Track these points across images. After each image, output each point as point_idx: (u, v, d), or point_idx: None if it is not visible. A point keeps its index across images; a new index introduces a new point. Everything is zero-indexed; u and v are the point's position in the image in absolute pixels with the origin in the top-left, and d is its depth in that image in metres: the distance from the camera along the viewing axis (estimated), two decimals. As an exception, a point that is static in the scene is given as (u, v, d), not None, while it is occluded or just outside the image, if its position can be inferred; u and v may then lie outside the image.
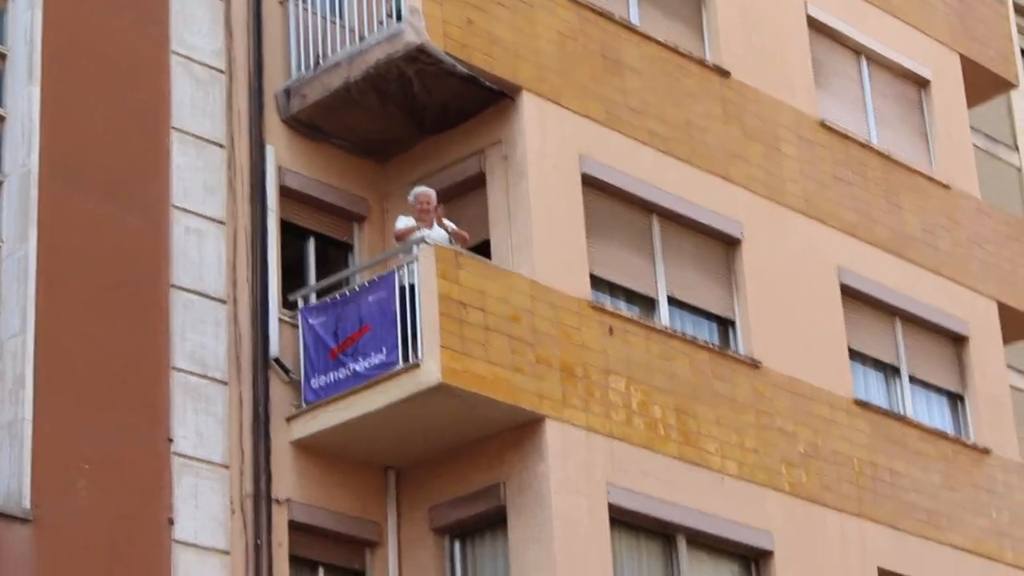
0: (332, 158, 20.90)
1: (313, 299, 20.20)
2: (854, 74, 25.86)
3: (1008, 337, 25.85)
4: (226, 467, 18.57)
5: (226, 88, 19.97)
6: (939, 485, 23.69)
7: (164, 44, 19.52)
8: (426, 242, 18.92)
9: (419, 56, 19.55)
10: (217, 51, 19.98)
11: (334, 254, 21.10)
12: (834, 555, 22.22)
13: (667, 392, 20.71)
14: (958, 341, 25.40)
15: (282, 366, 19.49)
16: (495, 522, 19.67)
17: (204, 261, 19.08)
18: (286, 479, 19.07)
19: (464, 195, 20.72)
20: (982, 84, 27.14)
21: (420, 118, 20.60)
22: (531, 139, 20.38)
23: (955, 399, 25.28)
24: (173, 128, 19.26)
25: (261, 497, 18.71)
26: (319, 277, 20.74)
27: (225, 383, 18.84)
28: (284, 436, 19.22)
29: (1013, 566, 24.33)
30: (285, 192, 20.29)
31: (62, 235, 17.94)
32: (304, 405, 19.45)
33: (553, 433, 19.24)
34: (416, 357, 18.54)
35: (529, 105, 20.43)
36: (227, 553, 18.32)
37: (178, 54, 19.56)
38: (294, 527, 19.10)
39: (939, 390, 25.33)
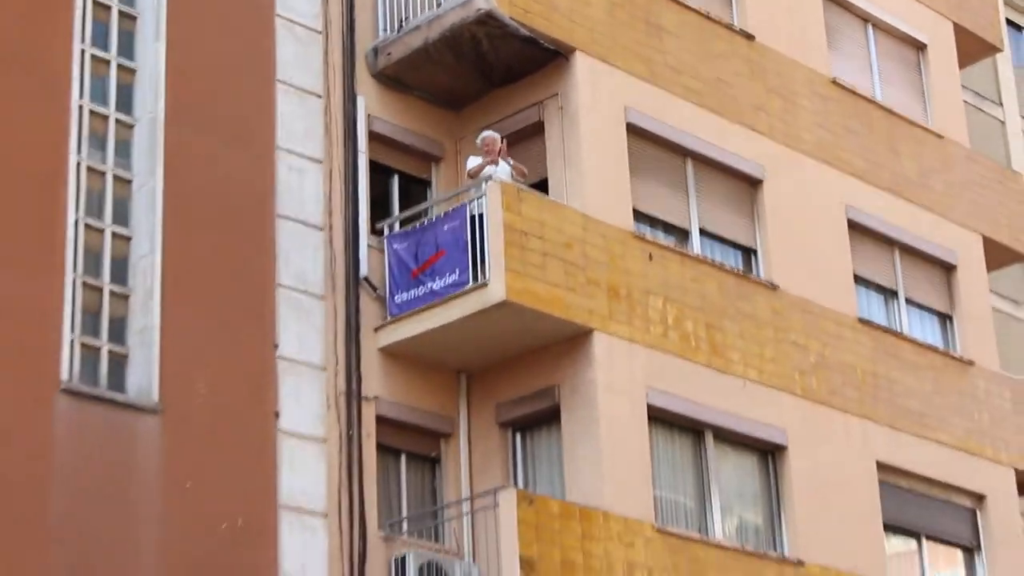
0: (413, 107, 21.09)
1: (397, 228, 20.34)
2: (861, 39, 25.77)
3: (991, 265, 25.78)
4: (323, 369, 18.85)
5: (323, 47, 20.09)
6: (930, 391, 23.73)
7: (271, 8, 19.68)
8: (493, 179, 19.19)
9: (488, 20, 19.66)
10: (316, 14, 20.11)
11: (415, 189, 21.29)
12: (839, 450, 22.29)
13: (698, 310, 20.84)
14: (948, 269, 25.30)
15: (370, 284, 19.73)
16: (550, 419, 19.93)
17: (304, 195, 19.32)
18: (373, 380, 19.34)
19: (525, 140, 20.79)
20: (972, 48, 27.01)
21: (488, 74, 20.75)
22: (583, 93, 20.54)
23: (944, 318, 25.23)
24: (278, 81, 19.47)
25: (352, 395, 18.99)
26: (402, 209, 20.94)
27: (322, 298, 19.09)
28: (372, 343, 19.48)
29: (992, 460, 24.26)
30: (373, 136, 20.43)
31: (184, 171, 18.13)
32: (389, 317, 19.72)
33: (600, 344, 19.47)
34: (484, 278, 18.78)
35: (582, 63, 20.57)
36: (324, 441, 18.59)
37: (282, 17, 19.71)
38: (380, 420, 19.37)
39: (931, 310, 25.35)
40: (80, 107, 17.72)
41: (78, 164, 17.51)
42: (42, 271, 16.75)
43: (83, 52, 17.98)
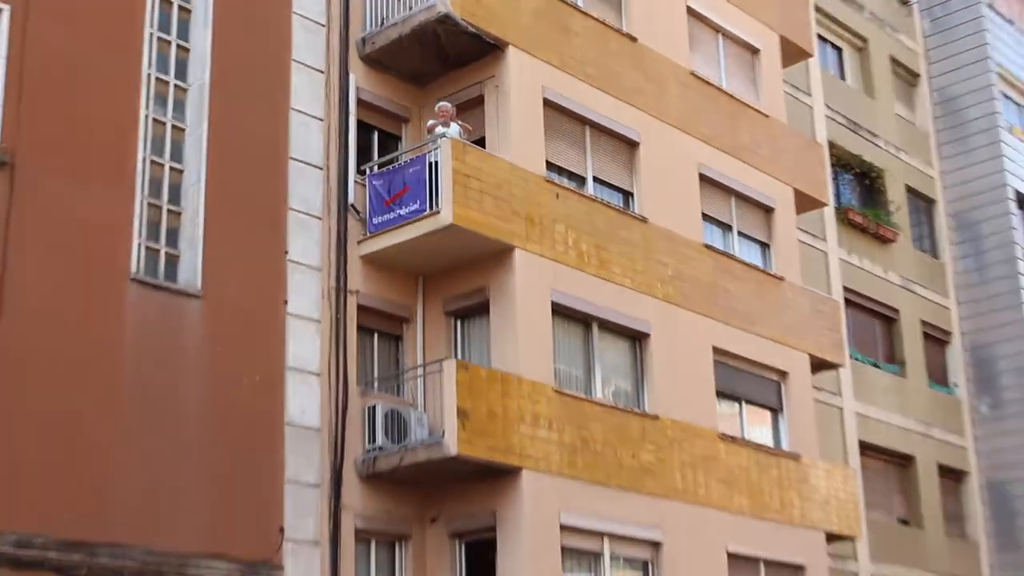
0: (390, 83, 21.12)
1: (376, 169, 20.32)
2: (713, 43, 25.58)
3: (798, 210, 26.05)
4: (319, 270, 19.04)
5: (326, 36, 20.05)
6: (752, 298, 23.93)
7: (288, 7, 19.72)
8: (445, 137, 19.37)
9: (445, 20, 19.67)
10: (321, 12, 20.06)
11: (389, 142, 21.22)
12: (687, 338, 22.46)
13: (590, 235, 20.74)
14: (768, 211, 25.25)
15: (355, 210, 19.85)
16: (482, 310, 20.10)
17: (309, 143, 19.42)
18: (356, 279, 19.47)
19: (470, 108, 20.71)
20: (791, 53, 26.94)
21: (445, 59, 20.70)
22: (513, 76, 20.56)
23: (764, 246, 25.13)
24: (293, 60, 19.52)
25: (340, 289, 19.16)
26: (380, 156, 20.91)
27: (320, 218, 19.20)
28: (355, 252, 19.61)
29: (793, 348, 24.62)
30: (360, 103, 20.46)
31: (223, 124, 18.22)
32: (368, 234, 19.79)
33: (519, 257, 19.58)
34: (437, 207, 18.89)
35: (512, 54, 20.55)
36: (319, 322, 18.81)
37: (297, 14, 19.71)
38: (360, 308, 19.57)
39: (756, 240, 25.29)
40: (148, 75, 17.88)
41: (146, 117, 17.71)
42: (119, 195, 16.94)
43: (151, 35, 18.08)
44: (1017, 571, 30.44)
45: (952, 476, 30.94)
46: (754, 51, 26.34)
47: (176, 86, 18.35)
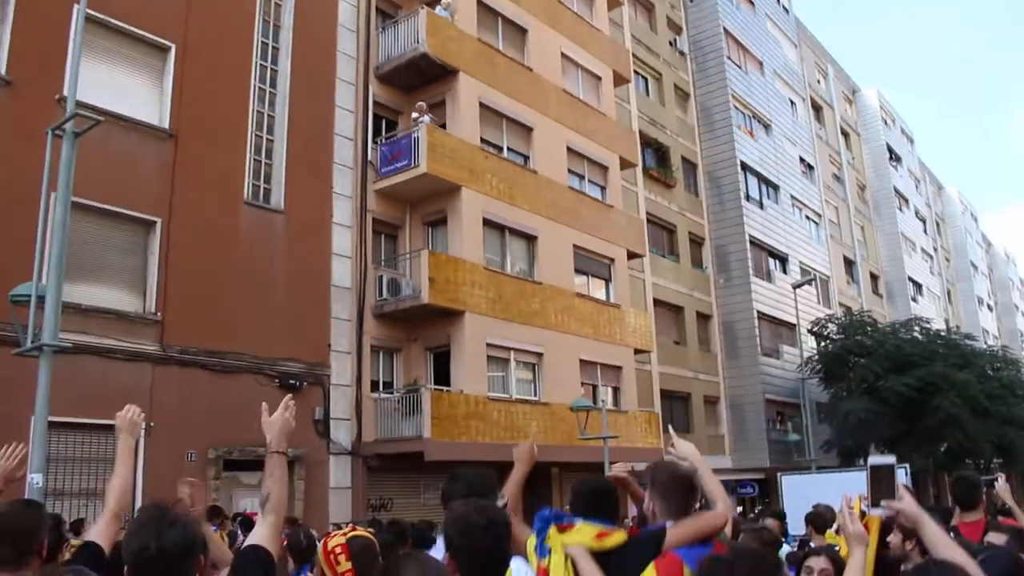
0: (393, 90, 20.50)
1: (383, 141, 20.00)
2: (575, 73, 25.43)
3: (622, 167, 26.36)
4: (351, 197, 18.99)
5: (355, 65, 19.76)
6: (595, 217, 23.89)
7: (333, 46, 19.36)
8: (423, 122, 19.27)
9: (424, 56, 19.53)
10: (353, 49, 19.77)
11: (392, 125, 20.77)
12: (558, 239, 22.37)
13: (507, 180, 20.86)
14: (605, 168, 25.18)
15: (372, 164, 19.59)
16: (444, 222, 19.89)
17: (345, 124, 19.20)
18: (372, 203, 19.36)
19: (437, 107, 20.27)
20: (620, 79, 26.79)
21: (423, 78, 20.30)
22: (462, 89, 20.31)
23: (603, 188, 25.32)
24: (338, 79, 19.29)
25: (363, 209, 19.14)
26: (386, 133, 20.37)
27: (352, 168, 19.07)
28: (372, 188, 19.41)
29: (618, 245, 24.68)
30: (376, 103, 19.94)
31: (296, 114, 18.11)
32: (379, 177, 19.57)
33: (465, 193, 19.58)
34: (418, 162, 18.83)
35: (463, 76, 20.31)
36: (351, 228, 18.80)
37: (340, 52, 19.39)
38: (375, 220, 19.35)
39: (597, 185, 24.79)
40: (255, 85, 17.67)
41: (253, 108, 17.52)
42: (237, 154, 16.96)
43: (256, 62, 17.81)
44: (736, 371, 31.20)
45: (704, 318, 31.51)
46: (597, 79, 26.05)
47: (270, 92, 18.12)
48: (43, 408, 8.72)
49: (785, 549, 6.01)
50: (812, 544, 7.20)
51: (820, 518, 8.18)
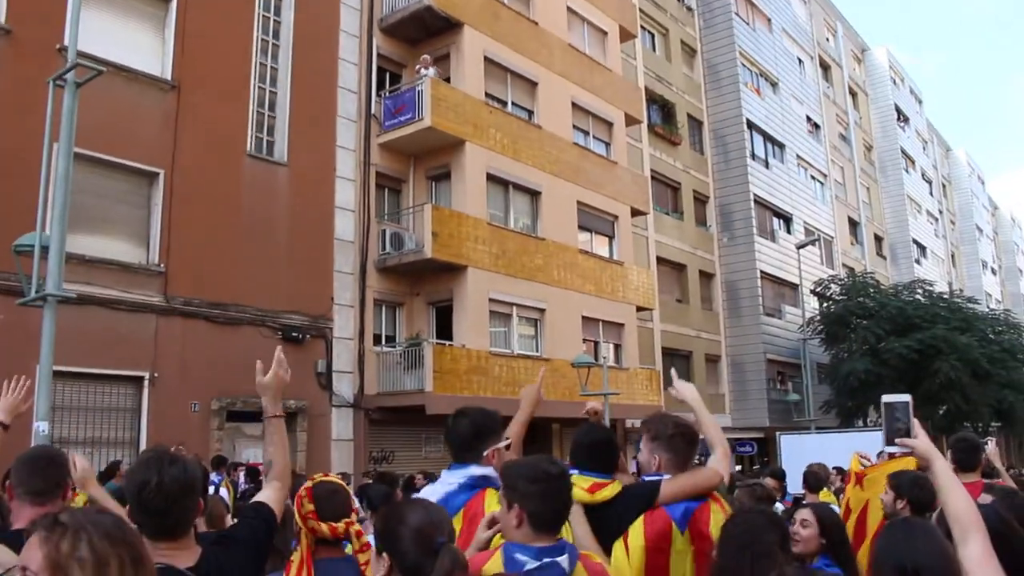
0: (397, 43, 20.37)
1: (387, 94, 19.91)
2: (581, 27, 25.39)
3: (627, 124, 26.32)
4: (354, 151, 18.92)
5: (359, 18, 19.65)
6: (600, 173, 23.86)
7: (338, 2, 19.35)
8: (427, 76, 19.16)
9: (429, 8, 19.42)
10: (357, 3, 19.69)
11: (396, 78, 20.64)
12: (563, 195, 22.33)
13: (512, 135, 20.85)
14: (610, 124, 25.30)
15: (375, 117, 19.48)
16: (447, 177, 19.87)
17: (349, 78, 19.08)
18: (375, 157, 19.31)
19: (441, 60, 20.19)
20: (625, 35, 26.72)
21: (427, 30, 20.17)
22: (466, 42, 20.19)
23: (607, 144, 25.24)
24: (341, 31, 19.13)
25: (367, 163, 19.09)
26: (390, 86, 20.26)
27: (355, 121, 19.00)
28: (375, 142, 19.32)
29: (622, 202, 24.63)
30: (379, 56, 19.84)
31: (299, 67, 18.04)
32: (383, 131, 19.52)
33: (469, 148, 19.50)
34: (421, 116, 18.77)
35: (467, 29, 20.19)
36: (354, 181, 18.74)
37: (344, 3, 19.27)
38: (378, 174, 19.26)
39: (602, 141, 24.74)
40: (257, 36, 17.54)
41: (256, 60, 17.42)
42: (240, 105, 16.86)
43: (259, 13, 17.66)
44: (738, 330, 31.28)
45: (707, 276, 31.50)
46: (603, 33, 25.80)
47: (273, 44, 18.00)
48: (47, 357, 8.80)
49: (778, 507, 6.08)
50: (806, 502, 7.30)
51: (814, 476, 8.32)
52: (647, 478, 3.35)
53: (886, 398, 2.66)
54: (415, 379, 17.77)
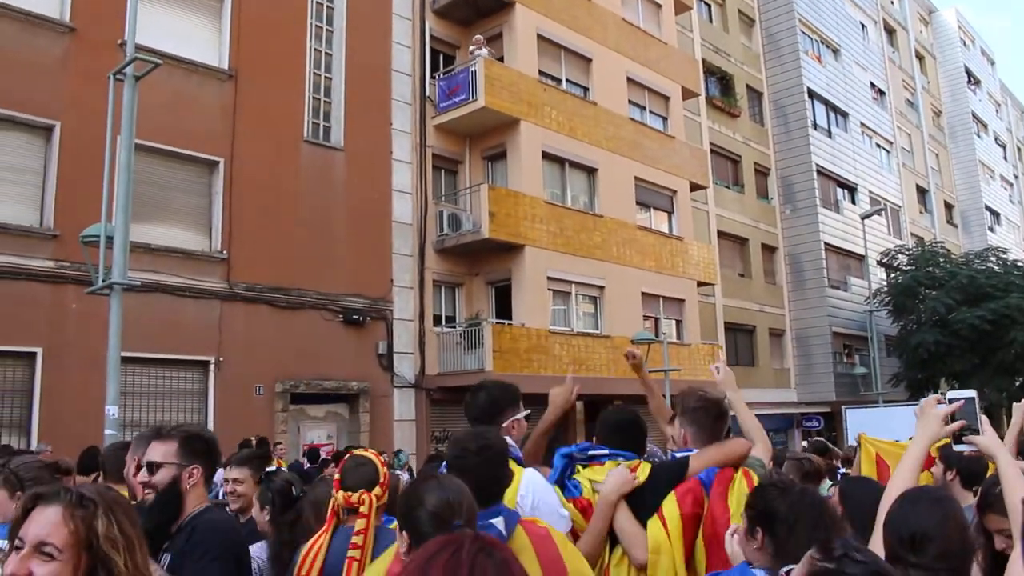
0: (450, 25, 20.38)
1: (441, 75, 19.96)
2: (635, 4, 25.46)
3: (684, 97, 26.23)
4: (410, 134, 19.04)
5: (412, 3, 19.94)
6: (656, 148, 23.71)
7: (389, -19, 19.44)
8: (480, 56, 19.18)
9: (480, -12, 19.51)
10: (408, -16, 19.85)
11: (449, 60, 20.71)
12: (620, 171, 22.20)
13: (568, 112, 20.83)
14: (666, 98, 25.01)
15: (430, 99, 19.60)
16: (503, 156, 19.89)
17: (403, 61, 19.20)
18: (431, 139, 19.39)
19: (494, 40, 20.15)
20: (680, 5, 26.44)
21: (479, 11, 20.16)
22: (519, 21, 20.19)
23: (664, 119, 24.96)
24: (394, 14, 19.22)
25: (423, 144, 19.17)
26: (444, 67, 20.25)
27: (410, 104, 19.17)
28: (431, 124, 19.40)
29: (680, 177, 24.41)
30: (432, 38, 19.92)
31: (353, 52, 18.23)
32: (437, 112, 19.61)
33: (524, 126, 19.49)
34: (476, 96, 18.81)
35: (519, 8, 20.20)
36: (410, 164, 18.86)
37: (394, -16, 19.47)
38: (434, 155, 19.34)
39: (658, 115, 24.51)
40: (311, 23, 17.73)
41: (311, 47, 17.63)
42: (297, 93, 17.07)
43: (314, 1, 17.93)
44: (802, 303, 30.87)
45: (769, 250, 31.13)
46: (658, 6, 25.46)
47: (327, 30, 18.20)
48: (115, 343, 9.14)
49: (827, 484, 6.03)
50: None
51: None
52: (678, 454, 3.38)
53: (950, 394, 2.66)
54: (475, 359, 17.92)
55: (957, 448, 2.63)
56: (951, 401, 2.62)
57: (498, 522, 2.44)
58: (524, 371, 17.85)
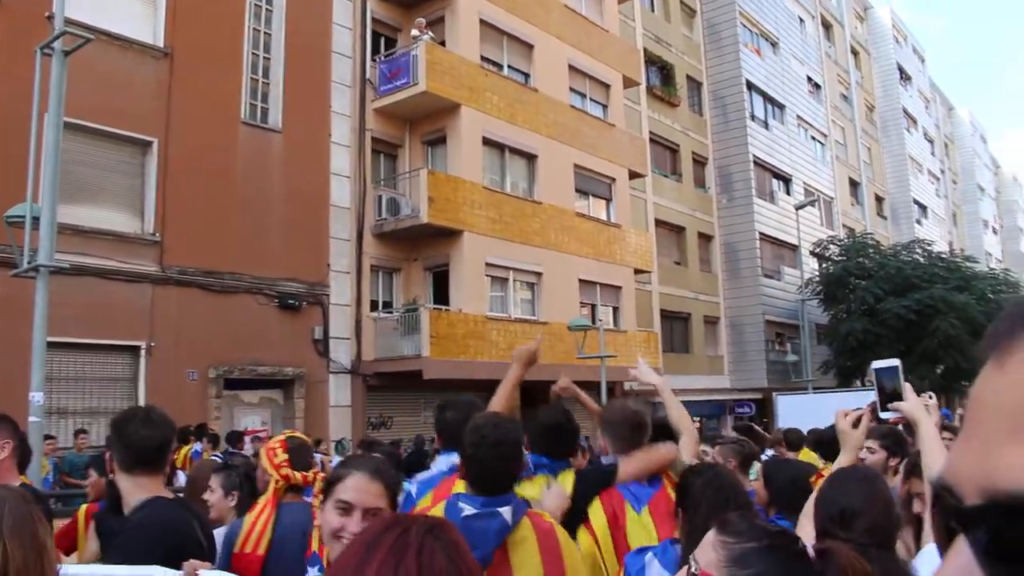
0: (391, 8, 20.21)
1: (382, 58, 19.78)
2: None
3: (624, 85, 26.18)
4: (350, 116, 18.83)
5: (352, -21, 19.65)
6: (596, 136, 23.78)
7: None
8: (421, 40, 19.03)
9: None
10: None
11: (391, 43, 20.57)
12: (559, 158, 22.18)
13: (507, 96, 20.70)
14: (607, 86, 25.06)
15: (370, 82, 19.42)
16: (443, 140, 19.78)
17: (343, 43, 18.96)
18: (371, 122, 19.21)
19: (436, 24, 20.05)
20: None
21: None
22: (461, 4, 20.20)
23: (604, 107, 25.18)
24: (333, -7, 19.08)
25: (362, 128, 19.00)
26: (385, 50, 20.10)
27: (350, 87, 18.92)
28: (371, 107, 19.24)
29: (619, 165, 24.55)
30: (374, 20, 19.74)
31: (293, 32, 17.93)
32: (377, 96, 19.42)
33: (464, 111, 19.38)
34: (417, 80, 18.68)
35: None
36: (349, 147, 18.67)
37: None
38: (373, 139, 19.18)
39: (599, 103, 24.68)
40: (252, 3, 17.38)
41: (249, 26, 17.28)
42: (234, 73, 16.74)
43: (251, 2, 17.57)
44: (736, 292, 31.29)
45: (705, 238, 31.47)
46: (602, -6, 25.56)
47: (266, 9, 17.83)
48: (41, 328, 8.89)
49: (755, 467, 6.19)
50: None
51: (795, 434, 8.50)
52: (605, 460, 3.43)
53: (875, 364, 2.77)
54: (412, 345, 17.85)
55: (883, 415, 2.75)
56: (877, 371, 2.74)
57: (505, 511, 2.53)
58: (461, 356, 17.85)
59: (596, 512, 3.17)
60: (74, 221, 13.48)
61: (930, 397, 5.37)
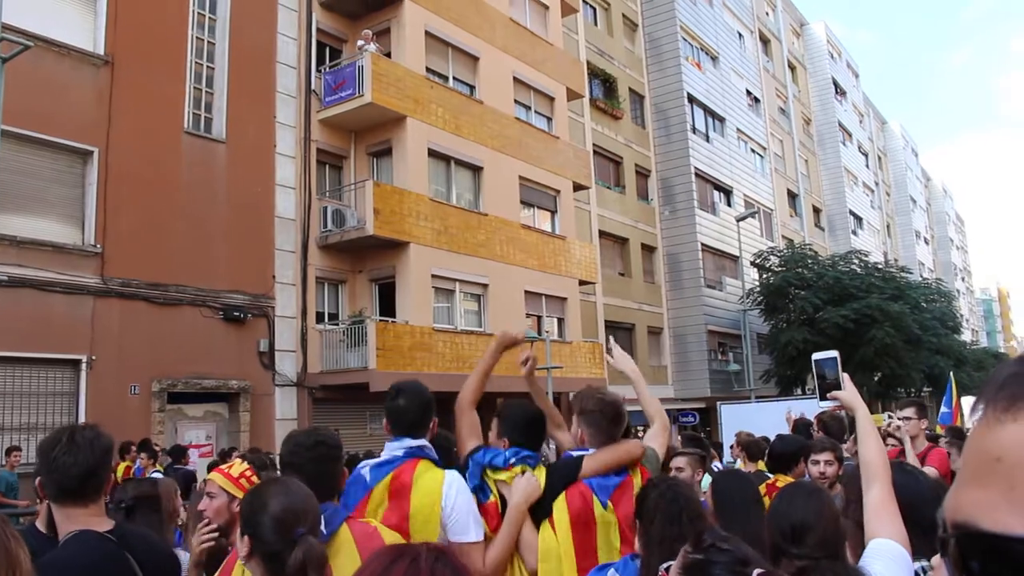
0: (337, 18, 20.07)
1: (327, 69, 19.66)
2: (523, 4, 25.39)
3: (568, 99, 26.42)
4: (294, 127, 18.67)
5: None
6: (541, 148, 23.86)
7: (274, -30, 18.99)
8: (367, 51, 18.96)
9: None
10: (294, -26, 19.43)
11: (336, 53, 20.43)
12: (505, 170, 22.21)
13: (452, 108, 20.76)
14: (551, 98, 25.23)
15: (315, 93, 19.26)
16: (389, 152, 19.72)
17: (289, 53, 18.80)
18: (316, 133, 19.06)
19: (382, 35, 20.00)
20: (567, 8, 26.79)
21: (367, 5, 19.98)
22: (407, 17, 20.05)
23: (548, 119, 25.24)
24: (280, 5, 18.79)
25: (307, 139, 18.85)
26: (330, 61, 20.02)
27: (295, 97, 18.75)
28: (316, 118, 19.08)
29: (563, 177, 24.67)
30: (319, 31, 19.61)
31: (236, 42, 17.74)
32: (323, 107, 19.29)
33: (411, 123, 19.33)
34: (362, 92, 18.58)
35: (407, 4, 20.09)
36: (294, 158, 18.55)
37: (279, -25, 19.05)
38: (319, 150, 19.06)
39: (543, 115, 24.71)
40: (193, 10, 17.13)
41: (193, 36, 17.06)
42: (177, 82, 16.50)
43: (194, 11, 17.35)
44: (679, 302, 31.59)
45: (648, 249, 31.73)
46: (545, 7, 25.67)
47: (209, 18, 17.64)
48: (-21, 342, 8.64)
49: (706, 479, 6.23)
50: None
51: (756, 446, 8.44)
52: (573, 453, 3.41)
53: (816, 356, 2.90)
54: (359, 357, 17.72)
55: (822, 405, 2.89)
56: (816, 362, 2.88)
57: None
58: (407, 369, 17.74)
59: (560, 508, 3.18)
60: (11, 232, 13.17)
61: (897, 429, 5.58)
